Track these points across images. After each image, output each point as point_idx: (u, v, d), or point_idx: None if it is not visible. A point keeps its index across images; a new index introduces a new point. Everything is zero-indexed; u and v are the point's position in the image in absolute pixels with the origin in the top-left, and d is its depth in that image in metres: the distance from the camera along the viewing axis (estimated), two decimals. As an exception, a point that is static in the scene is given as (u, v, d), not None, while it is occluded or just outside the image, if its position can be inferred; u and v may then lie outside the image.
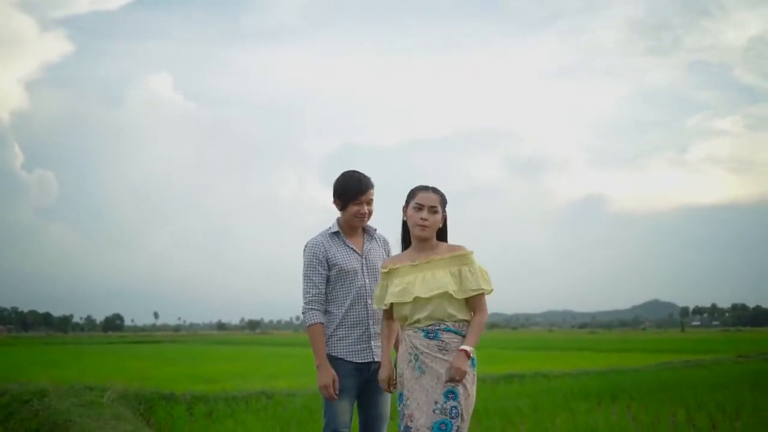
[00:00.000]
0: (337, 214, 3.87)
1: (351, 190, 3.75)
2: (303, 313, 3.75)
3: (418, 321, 3.38)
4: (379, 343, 3.76)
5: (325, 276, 3.74)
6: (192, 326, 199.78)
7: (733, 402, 8.79)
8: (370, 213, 3.83)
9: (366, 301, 3.75)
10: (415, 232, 3.47)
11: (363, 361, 3.73)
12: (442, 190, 3.54)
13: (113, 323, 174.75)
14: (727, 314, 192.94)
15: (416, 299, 3.37)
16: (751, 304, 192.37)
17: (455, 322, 3.39)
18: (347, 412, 3.68)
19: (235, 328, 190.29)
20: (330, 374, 3.63)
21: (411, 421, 3.31)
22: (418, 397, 3.32)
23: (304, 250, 3.81)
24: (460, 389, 3.30)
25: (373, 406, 3.79)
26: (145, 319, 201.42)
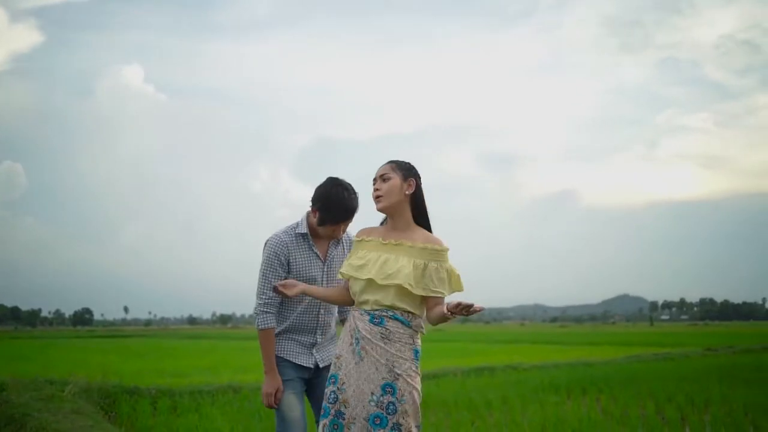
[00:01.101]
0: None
1: (333, 215, 3.48)
2: (256, 314, 3.59)
3: (365, 302, 3.17)
4: (323, 346, 3.67)
5: (283, 278, 3.56)
6: (163, 321, 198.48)
7: (702, 394, 8.85)
8: (343, 232, 3.64)
9: (318, 311, 3.62)
10: (376, 207, 3.27)
11: (305, 365, 3.61)
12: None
13: (83, 317, 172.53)
14: (695, 308, 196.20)
15: (370, 281, 3.16)
16: (719, 299, 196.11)
17: (404, 312, 3.17)
18: (297, 404, 3.55)
19: (207, 322, 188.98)
20: (276, 383, 3.51)
21: (345, 407, 3.11)
22: (356, 383, 3.11)
23: (265, 245, 3.61)
24: (399, 383, 3.09)
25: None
26: (115, 314, 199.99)
